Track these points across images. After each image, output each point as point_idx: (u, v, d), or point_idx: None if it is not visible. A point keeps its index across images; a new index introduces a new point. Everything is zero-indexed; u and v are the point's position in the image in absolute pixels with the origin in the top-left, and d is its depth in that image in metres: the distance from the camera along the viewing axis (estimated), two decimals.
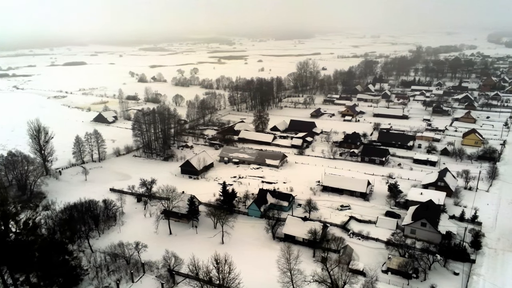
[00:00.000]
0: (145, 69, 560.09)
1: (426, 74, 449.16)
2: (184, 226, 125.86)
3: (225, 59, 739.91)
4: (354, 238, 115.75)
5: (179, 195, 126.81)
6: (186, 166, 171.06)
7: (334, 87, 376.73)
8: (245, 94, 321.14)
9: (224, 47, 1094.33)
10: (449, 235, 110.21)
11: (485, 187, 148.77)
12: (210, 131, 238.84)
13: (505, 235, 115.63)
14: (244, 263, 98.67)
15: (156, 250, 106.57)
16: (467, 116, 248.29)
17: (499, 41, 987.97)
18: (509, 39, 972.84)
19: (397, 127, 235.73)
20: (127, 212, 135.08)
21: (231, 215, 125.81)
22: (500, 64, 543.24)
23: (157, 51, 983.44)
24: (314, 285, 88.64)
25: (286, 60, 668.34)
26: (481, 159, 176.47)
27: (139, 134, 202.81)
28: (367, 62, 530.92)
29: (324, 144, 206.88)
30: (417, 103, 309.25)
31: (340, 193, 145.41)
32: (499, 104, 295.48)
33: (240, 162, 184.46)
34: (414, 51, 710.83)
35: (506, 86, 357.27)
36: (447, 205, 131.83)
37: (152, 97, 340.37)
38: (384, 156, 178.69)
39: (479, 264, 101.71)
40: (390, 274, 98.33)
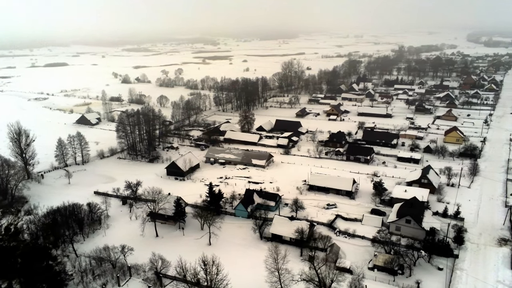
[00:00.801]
0: (129, 70, 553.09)
1: (409, 73, 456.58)
2: (171, 228, 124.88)
3: (209, 60, 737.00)
4: (340, 236, 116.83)
5: (165, 197, 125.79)
6: (172, 167, 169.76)
7: (319, 86, 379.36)
8: (230, 95, 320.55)
9: (208, 47, 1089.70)
10: (433, 231, 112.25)
11: (466, 183, 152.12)
12: (196, 132, 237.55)
13: (486, 230, 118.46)
14: (231, 264, 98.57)
15: (143, 253, 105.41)
16: (449, 114, 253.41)
17: (478, 40, 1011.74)
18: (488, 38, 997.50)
19: (381, 125, 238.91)
20: (112, 215, 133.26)
21: (218, 216, 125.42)
22: (479, 63, 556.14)
23: (140, 52, 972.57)
24: (302, 284, 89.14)
25: (271, 60, 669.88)
26: (462, 156, 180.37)
27: (123, 135, 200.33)
28: (351, 61, 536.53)
29: (310, 143, 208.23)
30: (400, 101, 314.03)
31: (326, 192, 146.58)
32: (479, 102, 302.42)
33: (226, 162, 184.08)
34: (397, 51, 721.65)
35: (485, 84, 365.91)
36: (431, 202, 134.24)
37: (136, 98, 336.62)
38: (369, 155, 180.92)
39: (462, 259, 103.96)
40: (376, 271, 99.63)
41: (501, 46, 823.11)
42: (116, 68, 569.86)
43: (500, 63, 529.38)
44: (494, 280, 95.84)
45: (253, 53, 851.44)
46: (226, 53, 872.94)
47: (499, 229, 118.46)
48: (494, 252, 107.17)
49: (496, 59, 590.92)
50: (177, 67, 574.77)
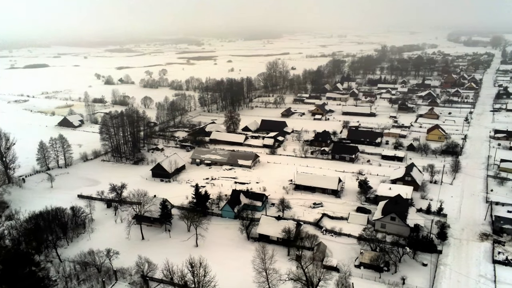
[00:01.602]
0: (112, 71, 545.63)
1: (391, 72, 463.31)
2: (157, 231, 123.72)
3: (194, 60, 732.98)
4: (327, 235, 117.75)
5: (151, 199, 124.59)
6: (157, 169, 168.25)
7: (304, 86, 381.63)
8: (215, 95, 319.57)
9: (192, 47, 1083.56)
10: (417, 228, 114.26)
11: (449, 180, 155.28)
12: (181, 133, 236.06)
13: (468, 225, 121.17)
14: (219, 265, 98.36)
15: (129, 256, 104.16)
16: (431, 113, 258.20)
17: (458, 40, 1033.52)
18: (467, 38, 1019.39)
19: (365, 124, 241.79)
20: (96, 218, 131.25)
21: (204, 217, 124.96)
22: (459, 62, 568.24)
23: (123, 52, 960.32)
24: (290, 284, 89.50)
25: (255, 60, 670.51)
26: (444, 154, 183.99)
27: (107, 138, 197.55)
28: (335, 61, 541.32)
29: (296, 143, 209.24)
30: (384, 100, 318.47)
31: (313, 191, 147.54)
32: (460, 100, 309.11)
33: (212, 163, 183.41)
34: (380, 50, 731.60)
35: (465, 83, 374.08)
36: (415, 199, 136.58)
37: (119, 99, 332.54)
38: (354, 153, 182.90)
39: (445, 254, 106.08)
40: (362, 269, 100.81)
41: (480, 46, 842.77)
42: (99, 69, 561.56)
43: (479, 62, 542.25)
44: (476, 274, 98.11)
45: (238, 53, 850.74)
46: (210, 54, 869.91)
47: (480, 224, 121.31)
48: (476, 247, 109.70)
49: (475, 58, 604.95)
50: (161, 67, 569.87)
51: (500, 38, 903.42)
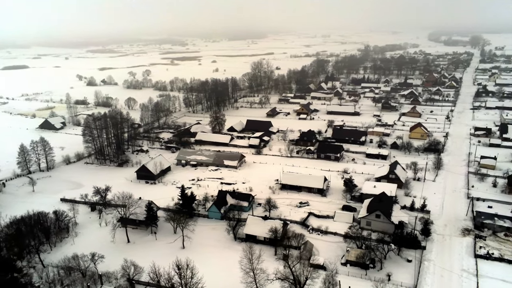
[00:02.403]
0: (94, 72, 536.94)
1: (374, 71, 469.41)
2: (143, 233, 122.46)
3: (178, 60, 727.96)
4: (313, 233, 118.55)
5: (136, 202, 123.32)
6: (142, 171, 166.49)
7: (289, 86, 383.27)
8: (200, 96, 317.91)
9: (176, 48, 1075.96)
10: (401, 225, 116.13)
11: (431, 177, 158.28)
12: (166, 134, 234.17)
13: (451, 221, 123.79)
14: (206, 266, 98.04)
15: (114, 259, 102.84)
16: (413, 111, 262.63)
17: (438, 39, 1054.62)
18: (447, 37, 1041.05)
19: (349, 123, 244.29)
20: (80, 222, 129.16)
21: (191, 218, 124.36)
22: (440, 61, 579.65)
23: (106, 53, 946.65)
24: (277, 283, 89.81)
25: (240, 60, 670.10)
26: (427, 151, 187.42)
27: (90, 140, 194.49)
28: (319, 61, 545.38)
29: (281, 142, 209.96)
30: (367, 99, 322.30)
31: (299, 190, 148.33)
32: (441, 98, 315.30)
33: (198, 164, 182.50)
34: (363, 50, 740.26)
35: (446, 81, 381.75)
36: (399, 196, 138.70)
37: (102, 101, 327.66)
38: (339, 152, 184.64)
39: (429, 250, 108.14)
40: (349, 266, 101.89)
41: (459, 45, 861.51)
42: (81, 70, 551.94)
43: (459, 61, 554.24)
44: (459, 269, 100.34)
45: (222, 53, 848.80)
46: (194, 54, 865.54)
47: (462, 220, 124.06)
48: (459, 242, 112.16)
49: (455, 57, 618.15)
50: (144, 68, 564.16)
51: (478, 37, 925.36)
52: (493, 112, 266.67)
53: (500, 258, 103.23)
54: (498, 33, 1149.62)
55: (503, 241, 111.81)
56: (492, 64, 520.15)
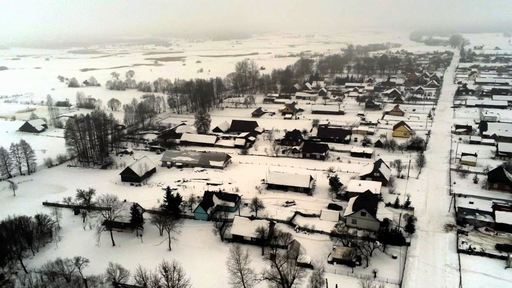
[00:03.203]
0: (76, 73, 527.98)
1: (358, 71, 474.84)
2: (128, 236, 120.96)
3: (162, 61, 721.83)
4: (300, 232, 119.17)
5: (121, 204, 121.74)
6: (126, 173, 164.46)
7: (273, 86, 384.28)
8: (185, 96, 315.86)
9: (160, 48, 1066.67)
10: (386, 222, 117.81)
11: (415, 174, 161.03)
12: (151, 136, 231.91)
13: (434, 217, 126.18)
14: (193, 268, 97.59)
15: (99, 263, 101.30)
16: (396, 110, 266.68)
17: (420, 39, 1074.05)
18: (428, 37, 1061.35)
19: (334, 122, 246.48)
20: (64, 226, 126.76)
21: (177, 220, 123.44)
22: (422, 60, 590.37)
23: (88, 54, 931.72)
24: (265, 283, 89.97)
25: (224, 61, 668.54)
26: (410, 149, 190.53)
27: (73, 142, 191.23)
28: (303, 61, 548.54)
29: (267, 142, 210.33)
30: (351, 99, 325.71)
31: (285, 189, 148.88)
32: (423, 97, 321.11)
33: (183, 165, 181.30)
34: (346, 50, 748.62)
35: (427, 80, 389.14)
36: (383, 194, 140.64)
37: (85, 102, 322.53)
38: (324, 151, 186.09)
39: (413, 246, 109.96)
40: (335, 264, 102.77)
41: (440, 45, 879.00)
42: (62, 71, 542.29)
43: (440, 60, 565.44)
44: (443, 264, 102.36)
45: (207, 53, 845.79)
46: (178, 54, 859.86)
47: (445, 216, 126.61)
48: (442, 238, 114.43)
49: (436, 56, 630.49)
50: (128, 69, 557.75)
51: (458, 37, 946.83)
52: (473, 110, 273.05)
53: (482, 252, 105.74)
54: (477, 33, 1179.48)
55: (484, 235, 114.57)
56: (472, 63, 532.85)
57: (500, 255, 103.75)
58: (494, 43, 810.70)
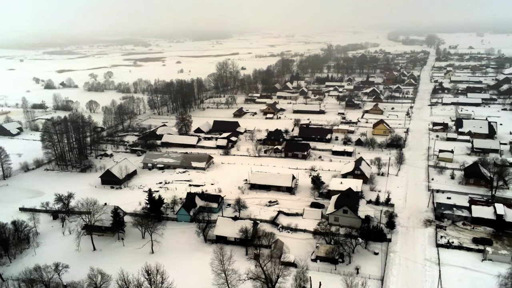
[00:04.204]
0: (52, 75, 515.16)
1: (338, 70, 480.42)
2: (109, 240, 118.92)
3: (141, 61, 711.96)
4: (283, 231, 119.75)
5: (101, 208, 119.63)
6: (106, 176, 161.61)
7: (255, 86, 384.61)
8: (165, 97, 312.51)
9: (139, 48, 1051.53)
10: (367, 219, 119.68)
11: (394, 171, 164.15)
12: (131, 137, 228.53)
13: (413, 213, 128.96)
14: (177, 270, 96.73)
15: (80, 269, 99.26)
16: (375, 108, 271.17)
17: (397, 39, 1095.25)
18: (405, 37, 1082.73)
19: (315, 121, 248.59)
20: (42, 232, 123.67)
21: (159, 222, 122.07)
22: (399, 60, 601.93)
23: (64, 55, 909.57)
24: (249, 283, 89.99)
25: (205, 61, 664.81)
26: (389, 147, 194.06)
27: (50, 145, 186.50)
28: (284, 61, 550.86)
29: (249, 142, 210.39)
30: (332, 98, 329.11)
31: (268, 189, 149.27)
32: (401, 96, 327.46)
33: (165, 167, 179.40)
34: (326, 50, 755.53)
35: (405, 79, 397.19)
36: (364, 191, 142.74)
37: (62, 104, 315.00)
38: (306, 150, 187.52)
39: (394, 242, 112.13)
40: (319, 262, 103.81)
41: (416, 44, 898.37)
42: (38, 73, 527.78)
43: (417, 60, 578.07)
44: (423, 258, 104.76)
45: (187, 54, 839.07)
46: (158, 55, 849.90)
47: (424, 212, 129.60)
48: (421, 233, 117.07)
49: (413, 56, 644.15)
50: (106, 70, 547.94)
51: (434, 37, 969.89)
52: (449, 107, 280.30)
53: (460, 246, 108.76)
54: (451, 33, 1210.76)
55: (462, 229, 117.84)
56: (447, 62, 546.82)
57: (477, 248, 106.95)
58: (467, 43, 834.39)
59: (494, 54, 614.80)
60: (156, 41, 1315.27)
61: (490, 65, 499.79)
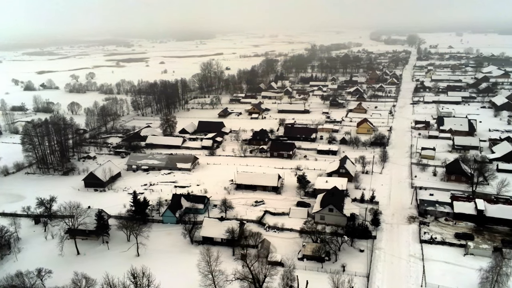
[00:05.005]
0: (32, 76, 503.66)
1: (322, 70, 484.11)
2: (94, 244, 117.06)
3: (124, 62, 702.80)
4: (270, 231, 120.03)
5: (85, 211, 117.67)
6: (90, 178, 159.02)
7: (239, 86, 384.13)
8: (149, 98, 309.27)
9: (122, 49, 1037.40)
10: (353, 217, 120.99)
11: (378, 169, 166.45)
12: (114, 139, 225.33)
13: (397, 210, 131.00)
14: (163, 273, 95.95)
15: (63, 274, 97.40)
16: (359, 107, 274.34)
17: (379, 39, 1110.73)
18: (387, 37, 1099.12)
19: (300, 121, 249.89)
20: (23, 237, 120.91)
21: (145, 225, 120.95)
22: (382, 59, 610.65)
23: (44, 56, 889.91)
24: (236, 283, 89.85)
25: (189, 61, 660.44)
26: (373, 145, 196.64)
27: (30, 148, 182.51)
28: (268, 61, 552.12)
29: (234, 143, 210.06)
30: (316, 97, 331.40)
31: (254, 189, 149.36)
32: (384, 95, 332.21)
33: (150, 168, 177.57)
34: (310, 49, 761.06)
35: (388, 78, 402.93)
36: (349, 190, 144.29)
37: (43, 106, 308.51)
38: (291, 150, 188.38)
39: (379, 239, 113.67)
40: (305, 261, 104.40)
41: (398, 44, 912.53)
42: (17, 74, 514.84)
43: (399, 59, 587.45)
44: (407, 254, 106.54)
45: (170, 54, 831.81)
46: (141, 55, 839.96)
47: (408, 208, 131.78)
48: (405, 230, 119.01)
49: (395, 55, 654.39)
50: (88, 71, 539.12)
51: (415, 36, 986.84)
52: (431, 106, 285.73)
53: (442, 241, 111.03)
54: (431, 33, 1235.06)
55: (444, 225, 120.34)
56: (428, 61, 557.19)
57: (459, 243, 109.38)
58: (447, 42, 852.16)
59: (473, 53, 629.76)
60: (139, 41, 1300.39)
61: (469, 64, 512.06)
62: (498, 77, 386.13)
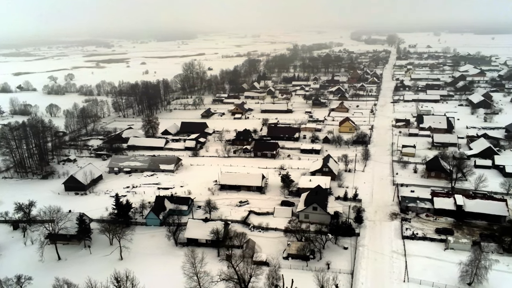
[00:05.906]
0: (8, 78, 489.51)
1: (304, 70, 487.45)
2: (75, 248, 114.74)
3: (104, 63, 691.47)
4: (255, 231, 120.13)
5: (66, 215, 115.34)
6: (70, 182, 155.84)
7: (222, 86, 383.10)
8: (130, 99, 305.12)
9: (101, 50, 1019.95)
10: (336, 215, 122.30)
11: (361, 167, 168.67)
12: (95, 141, 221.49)
13: (380, 207, 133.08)
14: (148, 276, 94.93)
15: (44, 280, 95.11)
16: (341, 106, 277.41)
17: (360, 38, 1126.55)
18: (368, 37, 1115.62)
19: (283, 121, 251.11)
20: (1, 243, 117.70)
21: (128, 227, 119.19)
22: (362, 59, 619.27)
23: (21, 57, 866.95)
24: (222, 284, 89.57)
25: (170, 62, 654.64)
26: (355, 144, 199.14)
27: (7, 152, 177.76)
28: (251, 61, 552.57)
29: (218, 143, 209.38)
30: (299, 97, 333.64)
31: (238, 189, 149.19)
32: (365, 94, 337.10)
33: (132, 170, 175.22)
34: (292, 49, 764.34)
35: (368, 78, 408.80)
36: (333, 188, 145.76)
37: (20, 108, 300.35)
38: (275, 149, 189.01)
39: (363, 236, 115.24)
40: (290, 259, 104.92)
41: (378, 43, 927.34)
42: None
43: (379, 58, 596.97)
44: (390, 250, 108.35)
45: (151, 54, 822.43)
46: (122, 56, 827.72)
47: (390, 205, 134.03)
48: (388, 226, 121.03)
49: (375, 55, 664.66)
50: (67, 72, 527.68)
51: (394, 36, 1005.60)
52: (410, 104, 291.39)
53: (424, 237, 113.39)
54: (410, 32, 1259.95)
55: (425, 221, 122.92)
56: (407, 61, 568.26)
57: (439, 238, 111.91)
58: (426, 42, 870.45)
59: (450, 53, 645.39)
60: (119, 41, 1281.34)
61: (447, 63, 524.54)
62: (474, 75, 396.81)
